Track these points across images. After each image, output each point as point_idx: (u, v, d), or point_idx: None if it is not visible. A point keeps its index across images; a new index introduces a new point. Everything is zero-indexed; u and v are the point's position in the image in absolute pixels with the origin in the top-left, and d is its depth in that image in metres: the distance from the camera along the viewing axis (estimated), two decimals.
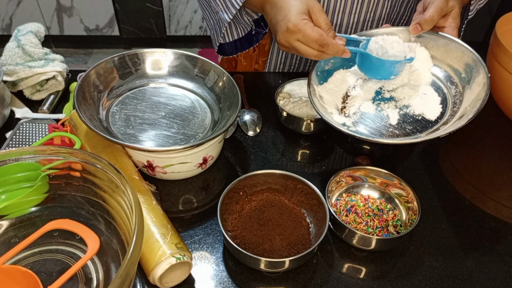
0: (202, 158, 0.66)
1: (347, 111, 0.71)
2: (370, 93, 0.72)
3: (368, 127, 0.68)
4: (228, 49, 0.92)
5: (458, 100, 0.67)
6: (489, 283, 0.57)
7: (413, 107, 0.69)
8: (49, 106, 0.81)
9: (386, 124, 0.68)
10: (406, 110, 0.69)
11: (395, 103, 0.70)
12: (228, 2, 0.76)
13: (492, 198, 0.70)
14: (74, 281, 0.52)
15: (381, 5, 0.85)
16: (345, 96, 0.73)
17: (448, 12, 0.69)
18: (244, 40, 0.90)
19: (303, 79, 0.84)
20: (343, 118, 0.70)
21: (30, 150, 0.55)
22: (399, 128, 0.67)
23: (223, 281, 0.56)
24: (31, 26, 0.86)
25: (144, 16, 2.44)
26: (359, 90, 0.73)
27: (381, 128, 0.68)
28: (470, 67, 0.67)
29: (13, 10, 2.37)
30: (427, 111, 0.68)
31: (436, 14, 0.68)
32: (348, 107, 0.72)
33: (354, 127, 0.68)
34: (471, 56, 0.67)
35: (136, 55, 0.76)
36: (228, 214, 0.61)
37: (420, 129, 0.66)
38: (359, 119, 0.69)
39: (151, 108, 0.72)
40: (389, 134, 0.67)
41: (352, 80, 0.75)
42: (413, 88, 0.70)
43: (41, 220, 0.58)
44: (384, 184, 0.66)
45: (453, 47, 0.69)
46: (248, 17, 0.83)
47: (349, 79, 0.75)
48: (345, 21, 0.86)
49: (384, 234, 0.59)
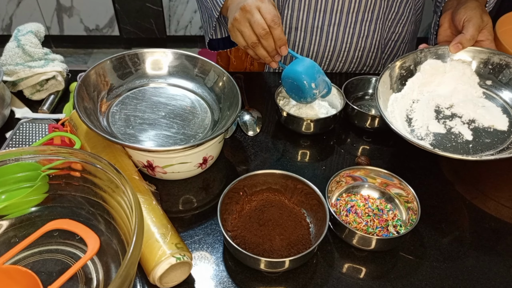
0: (202, 158, 0.66)
1: (418, 134, 0.70)
2: (430, 113, 0.71)
3: (449, 147, 0.67)
4: (223, 42, 0.94)
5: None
6: (489, 283, 0.57)
7: (480, 120, 0.69)
8: (49, 106, 0.81)
9: (464, 141, 0.67)
10: (475, 124, 0.69)
11: (460, 118, 0.70)
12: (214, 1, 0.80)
13: (492, 198, 0.70)
14: (74, 281, 0.52)
15: (378, 5, 0.85)
16: (407, 119, 0.73)
17: (484, 27, 0.73)
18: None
19: None
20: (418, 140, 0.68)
21: (30, 150, 0.55)
22: (479, 144, 0.67)
23: (223, 281, 0.56)
24: (31, 26, 0.86)
25: (144, 16, 2.44)
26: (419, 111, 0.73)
27: (463, 146, 0.67)
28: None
29: (13, 10, 2.37)
30: (496, 122, 0.68)
31: (476, 32, 0.71)
32: (416, 130, 0.71)
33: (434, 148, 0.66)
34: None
35: (136, 55, 0.76)
36: (228, 214, 0.61)
37: (500, 141, 0.66)
38: (435, 141, 0.68)
39: (151, 108, 0.72)
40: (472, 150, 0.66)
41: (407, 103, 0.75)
42: (472, 102, 0.71)
43: (41, 220, 0.58)
44: (384, 184, 0.66)
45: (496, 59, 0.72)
46: None
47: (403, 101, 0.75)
48: (343, 20, 0.86)
49: (384, 234, 0.59)
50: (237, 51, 1.02)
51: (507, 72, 0.71)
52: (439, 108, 0.72)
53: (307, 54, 0.95)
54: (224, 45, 0.95)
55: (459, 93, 0.72)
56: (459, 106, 0.71)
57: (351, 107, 0.79)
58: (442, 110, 0.72)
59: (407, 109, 0.74)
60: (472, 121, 0.69)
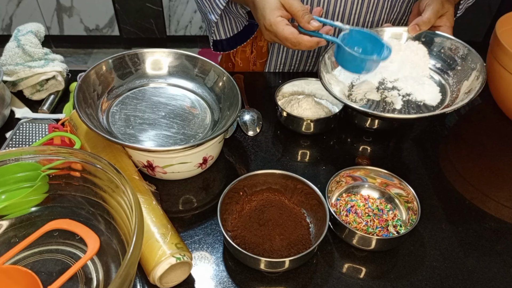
0: (202, 158, 0.66)
1: (354, 98, 0.74)
2: (374, 83, 0.75)
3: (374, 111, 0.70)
4: (227, 43, 0.93)
5: (456, 88, 0.72)
6: (489, 283, 0.57)
7: (414, 94, 0.72)
8: (49, 106, 0.81)
9: (391, 109, 0.71)
10: (409, 97, 0.72)
11: (398, 91, 0.73)
12: (213, 3, 0.80)
13: (492, 198, 0.70)
14: (74, 281, 0.52)
15: (380, 6, 0.85)
16: (350, 86, 0.77)
17: (444, 13, 0.75)
18: (242, 33, 0.92)
19: (303, 79, 0.84)
20: (351, 103, 0.71)
21: (30, 150, 0.55)
22: (404, 113, 0.70)
23: (223, 281, 0.56)
24: (31, 26, 0.86)
25: (144, 16, 2.44)
26: (364, 81, 0.76)
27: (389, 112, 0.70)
28: (465, 60, 0.73)
29: (13, 10, 2.37)
30: (428, 98, 0.72)
31: (433, 16, 0.73)
32: (354, 94, 0.74)
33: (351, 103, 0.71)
34: (466, 50, 0.73)
35: (136, 55, 0.76)
36: (228, 214, 0.61)
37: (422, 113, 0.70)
38: (365, 105, 0.73)
39: (151, 108, 0.72)
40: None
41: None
42: (413, 79, 0.74)
43: (41, 220, 0.58)
44: (384, 184, 0.66)
45: (448, 44, 0.76)
46: (242, 9, 0.85)
47: None
48: (344, 22, 0.86)
49: (384, 234, 0.59)
50: (244, 53, 1.01)
51: (454, 56, 0.75)
52: (383, 81, 0.75)
53: None
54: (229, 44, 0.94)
55: (406, 70, 0.75)
56: (402, 81, 0.74)
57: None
58: (385, 82, 0.75)
59: (354, 77, 0.77)
60: (408, 95, 0.72)
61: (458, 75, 0.73)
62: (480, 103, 0.92)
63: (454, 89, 0.72)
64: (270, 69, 1.00)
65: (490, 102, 0.89)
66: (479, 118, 0.89)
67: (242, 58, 1.02)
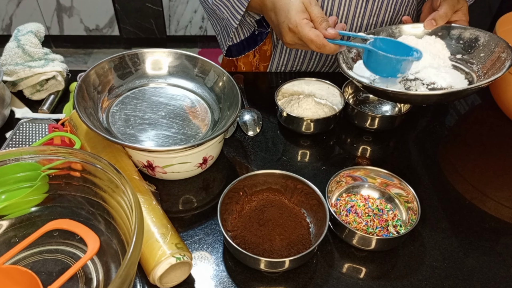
0: (202, 158, 0.66)
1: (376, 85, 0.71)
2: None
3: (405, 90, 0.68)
4: (236, 49, 0.95)
5: (483, 73, 0.71)
6: (489, 283, 0.57)
7: (439, 82, 0.70)
8: (49, 106, 0.81)
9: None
10: (434, 85, 0.70)
11: (421, 81, 0.71)
12: (232, 9, 0.81)
13: (492, 198, 0.70)
14: (74, 281, 0.52)
15: (384, 8, 0.85)
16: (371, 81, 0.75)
17: (459, 8, 0.77)
18: (250, 40, 0.93)
19: (303, 79, 0.84)
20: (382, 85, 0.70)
21: (30, 150, 0.55)
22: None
23: (223, 281, 0.56)
24: (31, 26, 0.86)
25: (144, 16, 2.44)
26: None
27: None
28: (488, 46, 0.73)
29: (13, 10, 2.38)
30: (454, 83, 0.69)
31: (450, 10, 0.75)
32: (375, 84, 0.72)
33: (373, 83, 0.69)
34: (487, 37, 0.73)
35: (136, 55, 0.76)
36: (228, 214, 0.61)
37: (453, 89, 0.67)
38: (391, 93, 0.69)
39: (151, 108, 0.72)
40: None
41: None
42: (435, 69, 0.72)
43: (41, 220, 0.58)
44: (384, 184, 0.66)
45: (467, 34, 0.76)
46: (251, 18, 0.86)
47: None
48: (348, 25, 0.86)
49: (384, 234, 0.59)
50: (247, 57, 1.01)
51: (476, 46, 0.75)
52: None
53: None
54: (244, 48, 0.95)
55: (426, 61, 0.73)
56: (423, 72, 0.72)
57: (351, 107, 0.79)
58: (407, 75, 0.73)
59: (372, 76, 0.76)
60: (432, 83, 0.70)
61: (482, 61, 0.72)
62: (480, 103, 0.93)
63: (480, 74, 0.71)
64: (270, 69, 1.00)
65: (490, 102, 0.90)
66: (479, 118, 0.89)
67: (245, 62, 1.02)
